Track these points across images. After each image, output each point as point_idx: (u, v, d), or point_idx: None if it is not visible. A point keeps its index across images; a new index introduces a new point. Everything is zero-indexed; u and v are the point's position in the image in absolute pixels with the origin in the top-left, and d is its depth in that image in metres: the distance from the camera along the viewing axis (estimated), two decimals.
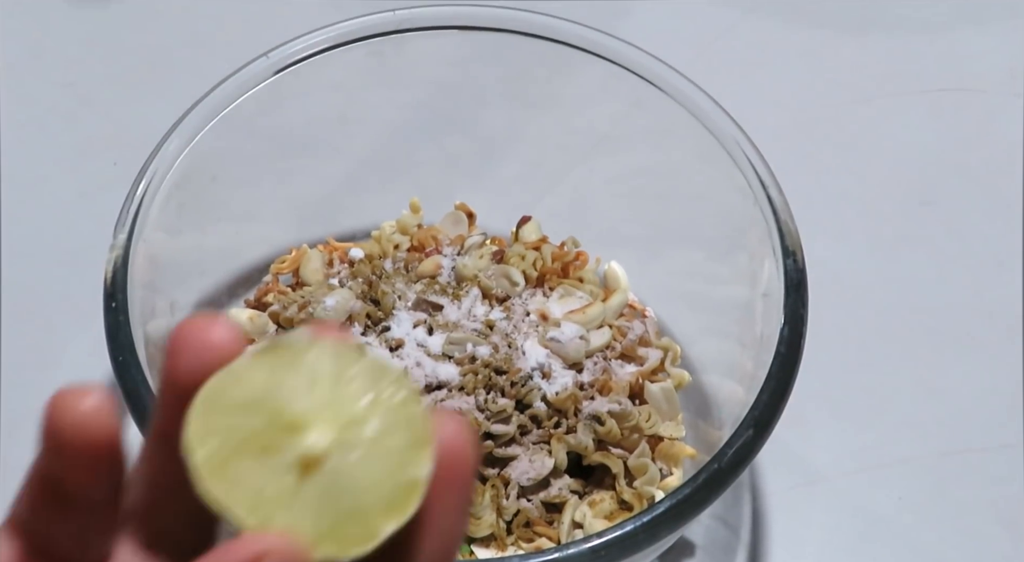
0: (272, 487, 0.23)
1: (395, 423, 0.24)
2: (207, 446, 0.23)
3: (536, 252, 0.56)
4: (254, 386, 0.23)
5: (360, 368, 0.24)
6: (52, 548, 0.24)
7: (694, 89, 0.51)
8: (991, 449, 0.57)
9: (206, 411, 0.23)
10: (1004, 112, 0.68)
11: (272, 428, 0.23)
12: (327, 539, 0.23)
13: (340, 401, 0.24)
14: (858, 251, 0.63)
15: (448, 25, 0.54)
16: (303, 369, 0.24)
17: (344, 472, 0.23)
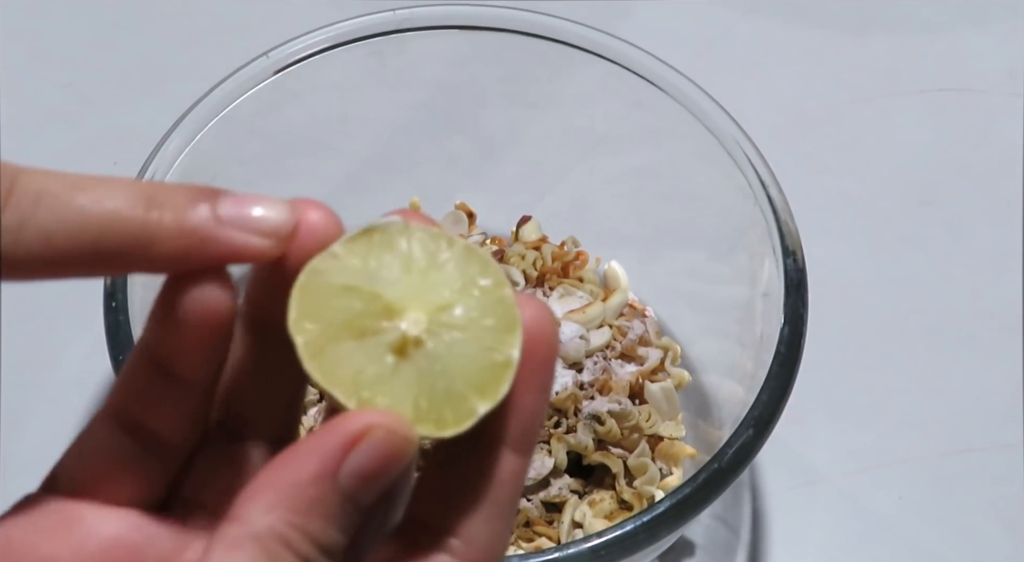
0: (371, 369, 0.24)
1: (485, 306, 0.24)
2: (308, 329, 0.24)
3: (536, 252, 0.56)
4: (351, 270, 0.24)
5: (451, 253, 0.25)
6: (143, 423, 0.25)
7: (694, 89, 0.51)
8: (991, 449, 0.57)
9: (306, 295, 0.24)
10: (1004, 112, 0.68)
11: (370, 312, 0.24)
12: (424, 419, 0.23)
13: (434, 285, 0.24)
14: (858, 251, 0.63)
15: (448, 25, 0.54)
16: (397, 253, 0.25)
17: (439, 354, 0.24)
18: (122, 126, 0.66)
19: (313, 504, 0.22)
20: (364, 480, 0.22)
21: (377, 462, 0.22)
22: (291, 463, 0.22)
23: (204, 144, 0.51)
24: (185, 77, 0.58)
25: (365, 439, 0.22)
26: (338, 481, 0.22)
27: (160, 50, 0.70)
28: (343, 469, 0.22)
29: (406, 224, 0.25)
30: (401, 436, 0.23)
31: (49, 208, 0.22)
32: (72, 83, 0.68)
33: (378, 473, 0.22)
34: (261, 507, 0.22)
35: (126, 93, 0.68)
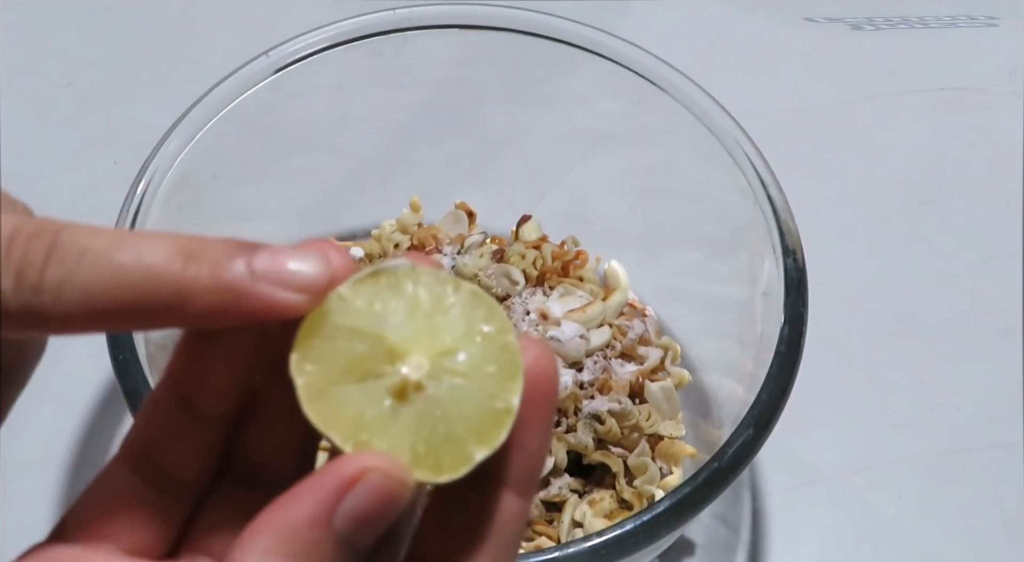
0: (370, 412, 0.24)
1: (488, 352, 0.24)
2: (309, 371, 0.24)
3: (536, 251, 0.56)
4: (356, 312, 0.24)
5: (457, 298, 0.25)
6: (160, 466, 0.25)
7: (694, 88, 0.51)
8: (991, 448, 0.57)
9: (309, 336, 0.24)
10: (1004, 112, 0.68)
11: (372, 355, 0.24)
12: (421, 463, 0.24)
13: (438, 330, 0.25)
14: (858, 250, 0.63)
15: (448, 24, 0.54)
16: (403, 297, 0.25)
17: (439, 399, 0.24)
18: (122, 125, 0.66)
19: (308, 548, 0.22)
20: (360, 523, 0.22)
21: (373, 505, 0.23)
22: (287, 506, 0.22)
23: (204, 143, 0.51)
24: (185, 76, 0.58)
25: (360, 482, 0.22)
26: (333, 524, 0.22)
27: (160, 50, 0.70)
28: (338, 512, 0.22)
29: (413, 267, 0.25)
30: (397, 479, 0.23)
31: (91, 265, 0.22)
32: (72, 83, 0.68)
33: (374, 516, 0.23)
34: (257, 551, 0.22)
35: (126, 93, 0.68)
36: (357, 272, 0.25)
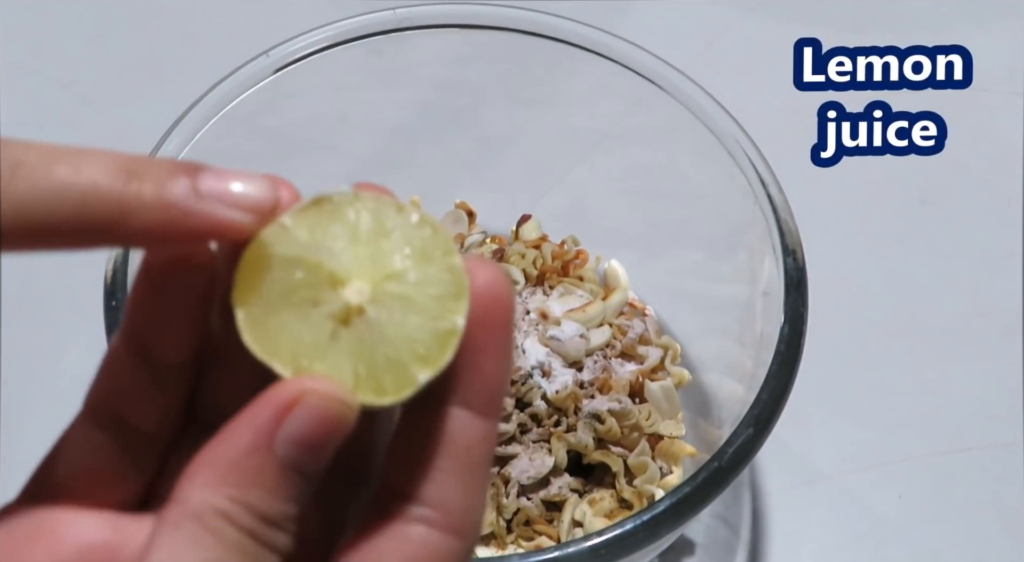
0: (311, 339, 0.23)
1: (431, 275, 0.24)
2: (250, 300, 0.24)
3: (536, 251, 0.56)
4: (297, 241, 0.24)
5: (399, 222, 0.25)
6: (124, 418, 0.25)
7: (694, 88, 0.51)
8: (991, 447, 0.57)
9: (250, 267, 0.24)
10: (1004, 111, 0.68)
11: (313, 282, 0.24)
12: (364, 386, 0.23)
13: (380, 254, 0.24)
14: (858, 250, 0.63)
15: (448, 23, 0.54)
16: (345, 223, 0.24)
17: (381, 323, 0.24)
18: (122, 125, 0.66)
19: (251, 476, 0.22)
20: (302, 448, 0.22)
21: (314, 428, 0.22)
22: (226, 438, 0.22)
23: (204, 143, 0.51)
24: (185, 76, 0.58)
25: (298, 406, 0.22)
26: (274, 450, 0.22)
27: (160, 49, 0.70)
28: (278, 438, 0.22)
29: (355, 194, 0.25)
30: (337, 401, 0.22)
31: (26, 178, 0.22)
32: (72, 82, 0.68)
33: (316, 440, 0.22)
34: (199, 485, 0.22)
35: (126, 92, 0.68)
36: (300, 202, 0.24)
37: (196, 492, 0.22)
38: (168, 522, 0.22)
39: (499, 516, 0.49)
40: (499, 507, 0.49)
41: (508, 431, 0.49)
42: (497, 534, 0.49)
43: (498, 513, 0.49)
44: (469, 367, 0.24)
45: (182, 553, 0.21)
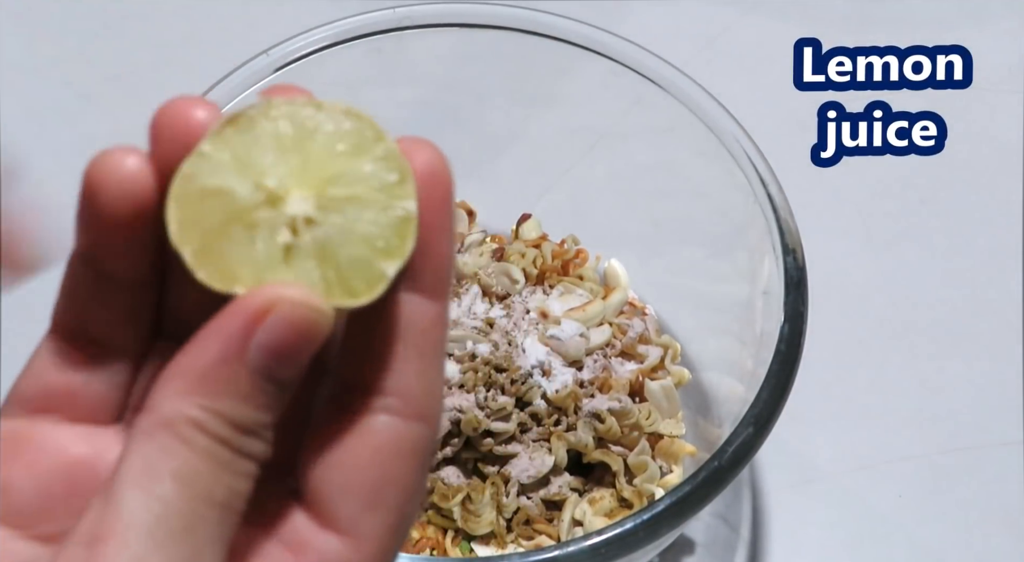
0: (267, 258, 0.23)
1: (370, 166, 0.23)
2: (192, 238, 0.23)
3: (536, 250, 0.56)
4: (222, 166, 0.23)
5: (320, 119, 0.24)
6: (89, 334, 0.24)
7: (694, 87, 0.51)
8: (991, 446, 0.57)
9: (182, 204, 0.23)
10: (1004, 111, 0.68)
11: (252, 204, 0.23)
12: (335, 290, 0.23)
13: (311, 159, 0.23)
14: (858, 249, 0.63)
15: (448, 23, 0.54)
16: (266, 135, 0.23)
17: (335, 226, 0.23)
18: (122, 124, 0.66)
19: (222, 385, 0.22)
20: (275, 356, 0.22)
21: (287, 336, 0.22)
22: (197, 347, 0.22)
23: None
24: (185, 75, 0.58)
25: (271, 313, 0.22)
26: (248, 359, 0.22)
27: (160, 48, 0.70)
28: (251, 346, 0.22)
29: (267, 101, 0.24)
30: (309, 306, 0.22)
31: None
32: (72, 82, 0.68)
33: (290, 347, 0.22)
34: (170, 394, 0.22)
35: (126, 91, 0.68)
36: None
37: (167, 402, 0.22)
38: (140, 431, 0.22)
39: (499, 515, 0.49)
40: (499, 506, 0.49)
41: (508, 430, 0.49)
42: (497, 533, 0.49)
43: (498, 512, 0.49)
44: (416, 250, 0.23)
45: (154, 461, 0.21)
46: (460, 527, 0.49)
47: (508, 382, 0.50)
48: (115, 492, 0.21)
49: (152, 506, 0.21)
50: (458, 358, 0.50)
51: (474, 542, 0.50)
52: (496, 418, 0.49)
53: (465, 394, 0.49)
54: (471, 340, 0.51)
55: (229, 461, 0.22)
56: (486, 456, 0.50)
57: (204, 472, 0.22)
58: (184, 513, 0.21)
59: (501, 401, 0.49)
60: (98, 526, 0.21)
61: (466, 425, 0.49)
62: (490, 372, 0.50)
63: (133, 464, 0.22)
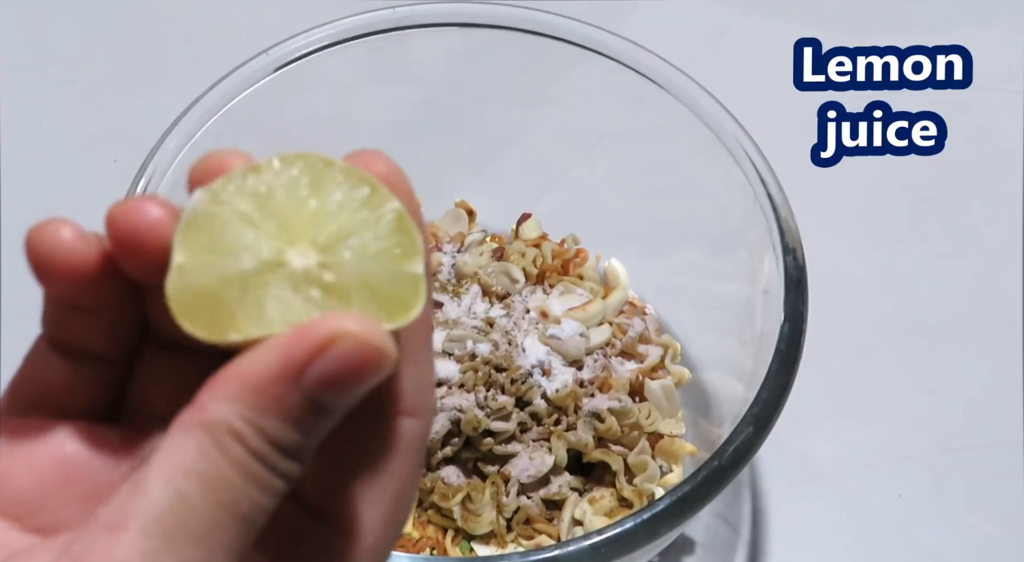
0: (290, 307, 0.23)
1: (339, 194, 0.24)
2: (204, 322, 0.23)
3: (536, 249, 0.56)
4: (207, 266, 0.23)
5: (266, 179, 0.24)
6: (75, 348, 0.25)
7: (695, 87, 0.51)
8: (991, 446, 0.57)
9: (184, 307, 0.23)
10: (1004, 111, 0.68)
11: (257, 275, 0.23)
12: (381, 313, 0.23)
13: (281, 217, 0.23)
14: (858, 248, 0.63)
15: (448, 22, 0.54)
16: (230, 220, 0.23)
17: (347, 260, 0.23)
18: (122, 124, 0.66)
19: (272, 403, 0.22)
20: (329, 387, 0.22)
21: (343, 369, 0.22)
22: (258, 359, 0.22)
23: (204, 142, 0.51)
24: (185, 75, 0.58)
25: (334, 345, 0.22)
26: (303, 384, 0.22)
27: (160, 48, 0.70)
28: (308, 372, 0.22)
29: (208, 191, 0.23)
30: (370, 345, 0.22)
31: None
32: (72, 81, 0.68)
33: (346, 380, 0.22)
34: (220, 397, 0.22)
35: (126, 91, 0.68)
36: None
37: (213, 404, 0.22)
38: (181, 425, 0.22)
39: (499, 515, 0.49)
40: (499, 506, 0.49)
41: (508, 430, 0.49)
42: (497, 533, 0.49)
43: (498, 512, 0.49)
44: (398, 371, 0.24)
45: (186, 459, 0.22)
46: (460, 527, 0.49)
47: (508, 382, 0.50)
48: (143, 481, 0.22)
49: (176, 505, 0.21)
50: (458, 358, 0.50)
51: (474, 542, 0.50)
52: (496, 418, 0.49)
53: (465, 394, 0.49)
54: (471, 340, 0.51)
55: (261, 476, 0.22)
56: (486, 456, 0.50)
57: (234, 482, 0.22)
58: (205, 517, 0.21)
59: (501, 401, 0.49)
60: (120, 512, 0.21)
61: (466, 425, 0.49)
62: (490, 372, 0.50)
63: (167, 459, 0.22)
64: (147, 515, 0.21)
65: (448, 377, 0.50)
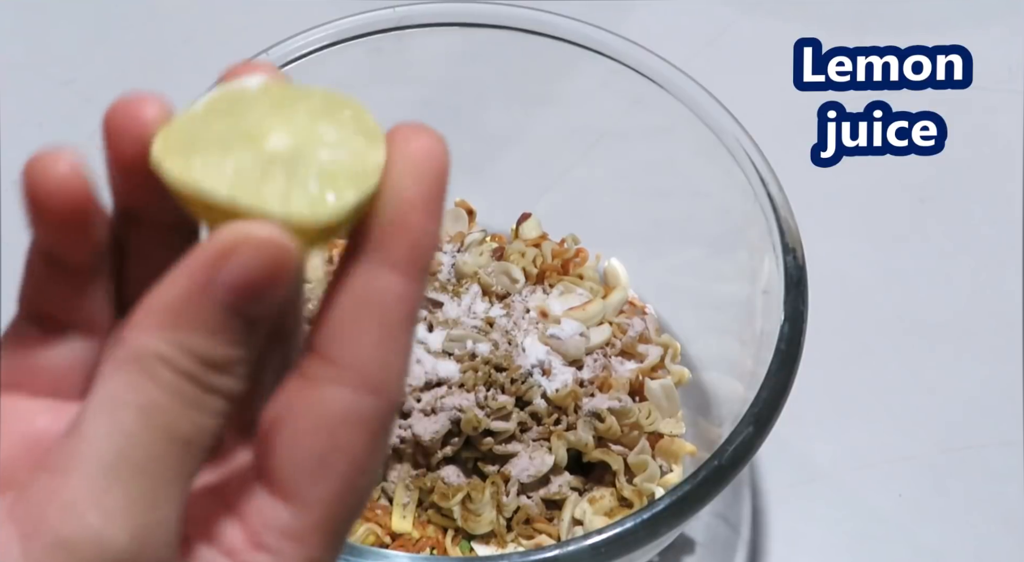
0: (237, 176, 0.23)
1: (350, 133, 0.24)
2: (174, 152, 0.23)
3: (536, 249, 0.56)
4: (208, 117, 0.24)
5: (296, 93, 0.25)
6: (49, 313, 0.25)
7: (694, 86, 0.51)
8: (991, 446, 0.57)
9: (167, 138, 0.24)
10: (1004, 111, 0.68)
11: (233, 137, 0.24)
12: (295, 205, 0.23)
13: (289, 119, 0.24)
14: (858, 248, 0.63)
15: (448, 22, 0.54)
16: (248, 101, 0.25)
17: (305, 158, 0.24)
18: None
19: (190, 319, 0.22)
20: (242, 293, 0.22)
21: (254, 273, 0.22)
22: (168, 283, 0.22)
23: None
24: (185, 74, 0.58)
25: (237, 250, 0.22)
26: (215, 295, 0.22)
27: (160, 47, 0.70)
28: (218, 283, 0.22)
29: (253, 81, 0.25)
30: (276, 245, 0.22)
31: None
32: (72, 81, 0.68)
33: (257, 284, 0.22)
34: (141, 327, 0.22)
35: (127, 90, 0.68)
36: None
37: (135, 335, 0.22)
38: (110, 364, 0.22)
39: (499, 515, 0.49)
40: (499, 506, 0.49)
41: (508, 429, 0.49)
42: (497, 533, 0.49)
43: (498, 512, 0.49)
44: (394, 224, 0.24)
45: (120, 394, 0.22)
46: (460, 526, 0.49)
47: (508, 381, 0.50)
48: (81, 423, 0.22)
49: (115, 439, 0.21)
50: (458, 357, 0.50)
51: (474, 541, 0.50)
52: (496, 417, 0.49)
53: (465, 393, 0.49)
54: (471, 339, 0.51)
55: (195, 397, 0.22)
56: (486, 455, 0.50)
57: (169, 407, 0.22)
58: (147, 447, 0.22)
59: (501, 400, 0.49)
60: (63, 456, 0.22)
61: (466, 424, 0.49)
62: (490, 371, 0.50)
63: (100, 397, 0.22)
64: (88, 454, 0.21)
65: (448, 377, 0.50)
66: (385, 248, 0.24)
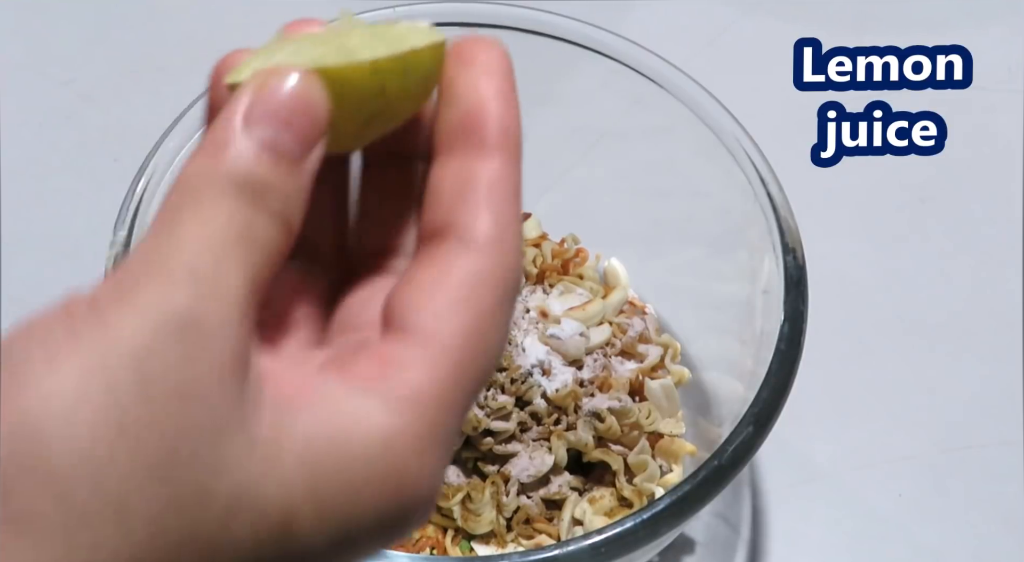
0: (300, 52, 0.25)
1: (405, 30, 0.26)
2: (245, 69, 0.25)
3: (536, 249, 0.56)
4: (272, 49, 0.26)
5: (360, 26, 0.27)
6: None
7: (694, 86, 0.51)
8: (991, 446, 0.57)
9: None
10: (1004, 111, 0.68)
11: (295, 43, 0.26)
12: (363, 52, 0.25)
13: (350, 35, 0.26)
14: (858, 248, 0.63)
15: (447, 22, 0.54)
16: (309, 36, 0.27)
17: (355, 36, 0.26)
18: (122, 123, 0.66)
19: (218, 142, 0.23)
20: (267, 124, 0.24)
21: (280, 106, 0.24)
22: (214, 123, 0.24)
23: None
24: (185, 74, 0.57)
25: (266, 87, 0.24)
26: (246, 130, 0.24)
27: (160, 47, 0.70)
28: (246, 116, 0.24)
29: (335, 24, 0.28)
30: (302, 75, 0.24)
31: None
32: (72, 81, 0.68)
33: (282, 115, 0.24)
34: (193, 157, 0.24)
35: (126, 91, 0.68)
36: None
37: (190, 163, 0.23)
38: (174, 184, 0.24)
39: (499, 514, 0.49)
40: (499, 505, 0.49)
41: (508, 429, 0.49)
42: (497, 532, 0.49)
43: (498, 511, 0.49)
44: (474, 113, 0.25)
45: (208, 216, 0.23)
46: (460, 526, 0.49)
47: (508, 381, 0.50)
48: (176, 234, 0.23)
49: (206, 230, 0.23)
50: None
51: (474, 541, 0.50)
52: (496, 417, 0.49)
53: None
54: None
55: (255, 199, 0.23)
56: (486, 455, 0.50)
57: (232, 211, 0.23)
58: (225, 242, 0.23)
59: (501, 400, 0.49)
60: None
61: (466, 424, 0.49)
62: None
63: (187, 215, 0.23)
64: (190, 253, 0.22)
65: None
66: (476, 135, 0.25)
